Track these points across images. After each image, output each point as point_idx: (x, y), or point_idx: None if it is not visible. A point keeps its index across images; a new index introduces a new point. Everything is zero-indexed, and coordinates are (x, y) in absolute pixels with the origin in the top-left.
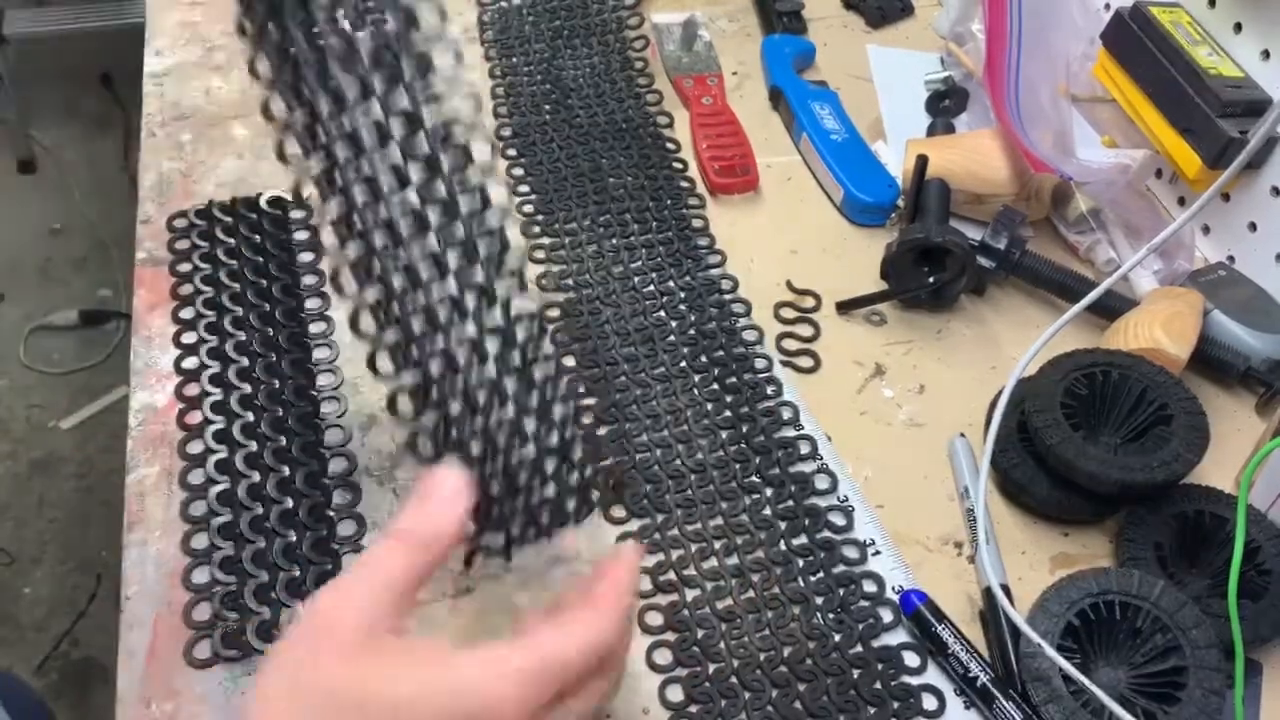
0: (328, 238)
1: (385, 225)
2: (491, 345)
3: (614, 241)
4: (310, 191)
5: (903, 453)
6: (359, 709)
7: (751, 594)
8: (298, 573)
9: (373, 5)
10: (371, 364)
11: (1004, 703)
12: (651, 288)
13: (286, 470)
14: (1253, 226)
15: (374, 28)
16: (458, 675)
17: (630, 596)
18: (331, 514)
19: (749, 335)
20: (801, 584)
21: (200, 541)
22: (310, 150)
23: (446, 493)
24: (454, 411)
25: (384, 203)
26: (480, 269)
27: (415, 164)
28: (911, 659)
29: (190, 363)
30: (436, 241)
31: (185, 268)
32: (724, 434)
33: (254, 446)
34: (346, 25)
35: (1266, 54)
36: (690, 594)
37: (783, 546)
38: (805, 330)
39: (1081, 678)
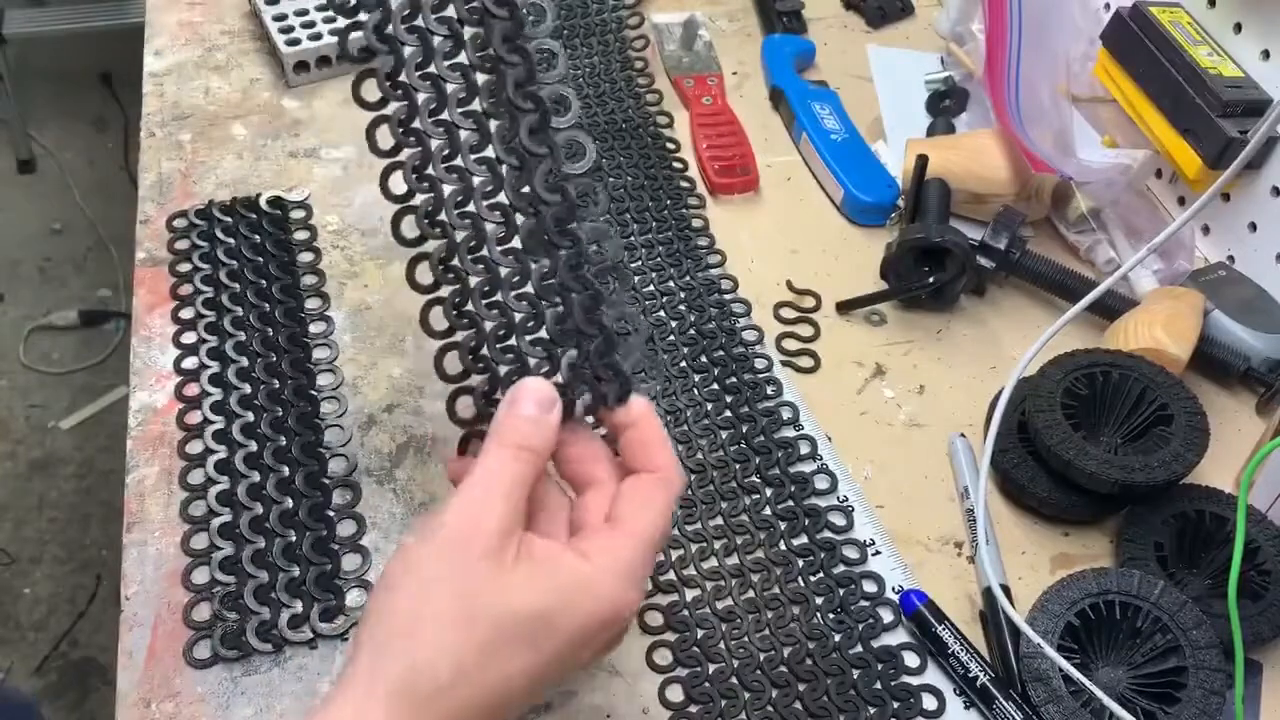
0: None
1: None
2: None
3: None
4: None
5: (903, 453)
6: (518, 621)
7: (751, 594)
8: (297, 572)
9: None
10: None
11: (1004, 703)
12: (651, 288)
13: (286, 470)
14: (1253, 226)
15: None
16: (591, 584)
17: (669, 445)
18: (331, 514)
19: (749, 335)
20: (801, 584)
21: (200, 541)
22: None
23: (541, 400)
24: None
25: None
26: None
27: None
28: (911, 659)
29: (190, 363)
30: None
31: (185, 268)
32: (724, 434)
33: (253, 446)
34: None
35: (1266, 54)
36: (690, 594)
37: (783, 546)
38: (805, 330)
39: (1081, 678)
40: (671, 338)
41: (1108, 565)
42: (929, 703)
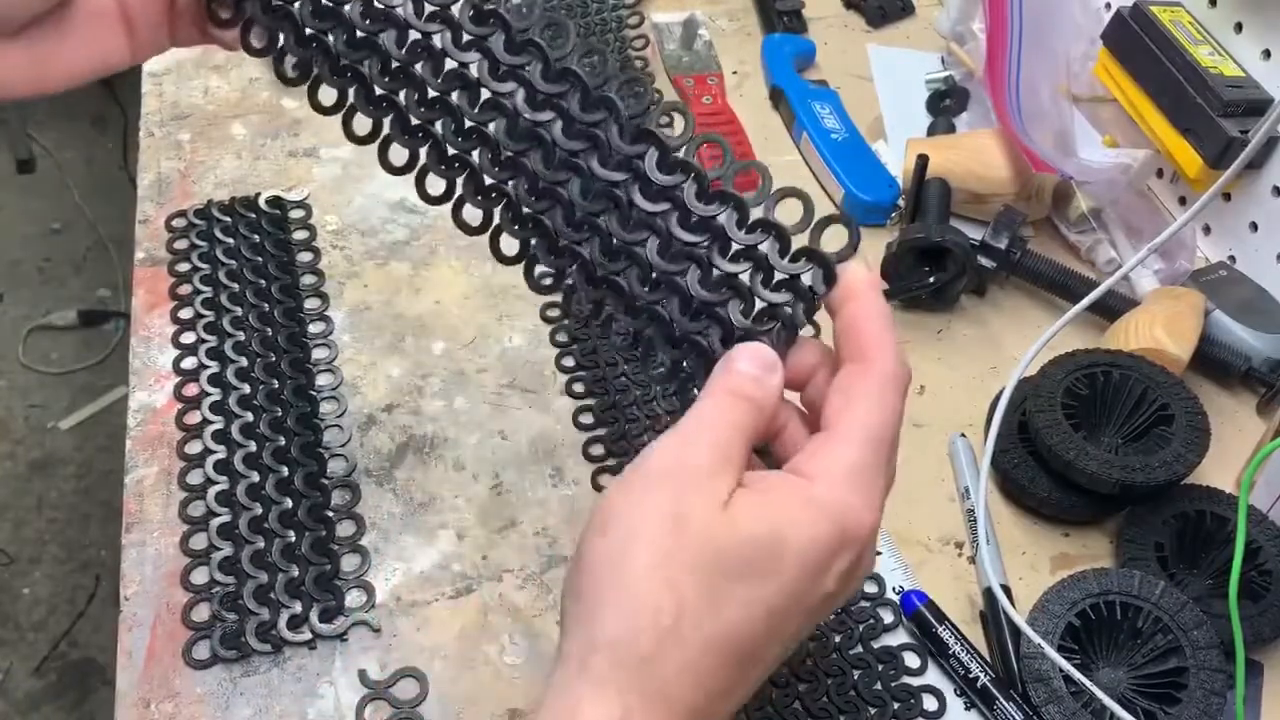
0: None
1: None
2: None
3: None
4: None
5: (903, 453)
6: (739, 548)
7: None
8: (296, 573)
9: None
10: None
11: (1004, 703)
12: None
13: (285, 470)
14: (1254, 226)
15: None
16: (809, 498)
17: (881, 327)
18: (330, 514)
19: None
20: None
21: (199, 542)
22: None
23: (762, 361)
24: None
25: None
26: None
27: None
28: (912, 660)
29: (189, 363)
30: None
31: (184, 268)
32: None
33: (253, 447)
34: None
35: (1267, 53)
36: None
37: None
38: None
39: (1082, 678)
40: None
41: (1108, 565)
42: (930, 703)
